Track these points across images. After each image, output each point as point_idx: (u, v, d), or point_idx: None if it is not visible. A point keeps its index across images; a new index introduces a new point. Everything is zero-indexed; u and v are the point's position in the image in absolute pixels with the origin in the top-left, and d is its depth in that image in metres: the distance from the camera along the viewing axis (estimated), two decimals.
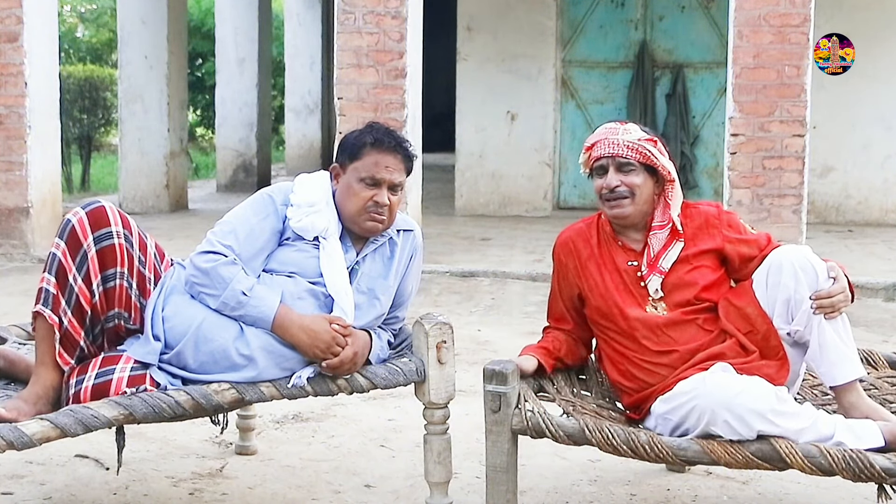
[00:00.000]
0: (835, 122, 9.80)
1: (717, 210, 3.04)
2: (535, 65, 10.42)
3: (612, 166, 2.96)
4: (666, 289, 2.95)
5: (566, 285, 3.10)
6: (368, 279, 2.98)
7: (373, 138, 2.96)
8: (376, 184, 2.93)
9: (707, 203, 3.10)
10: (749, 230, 3.01)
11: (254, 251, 2.87)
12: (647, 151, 2.94)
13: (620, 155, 2.94)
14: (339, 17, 7.21)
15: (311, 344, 2.79)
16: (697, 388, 2.72)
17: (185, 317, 2.80)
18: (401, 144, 2.99)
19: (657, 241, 2.97)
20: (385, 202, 2.93)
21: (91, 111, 14.26)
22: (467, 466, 3.45)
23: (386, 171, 2.94)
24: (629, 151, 2.94)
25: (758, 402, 2.58)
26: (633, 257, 3.00)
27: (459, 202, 10.59)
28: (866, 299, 6.66)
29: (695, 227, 3.00)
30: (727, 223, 3.00)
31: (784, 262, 2.84)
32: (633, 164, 2.94)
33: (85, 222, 2.74)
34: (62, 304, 2.72)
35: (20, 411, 2.62)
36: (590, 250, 3.05)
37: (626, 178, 2.94)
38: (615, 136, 2.96)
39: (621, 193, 2.94)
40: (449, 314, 3.16)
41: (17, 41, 7.47)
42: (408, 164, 3.01)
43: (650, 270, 2.96)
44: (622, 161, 2.94)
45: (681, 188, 3.03)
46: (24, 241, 7.58)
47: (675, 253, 2.96)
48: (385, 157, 2.95)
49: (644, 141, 2.95)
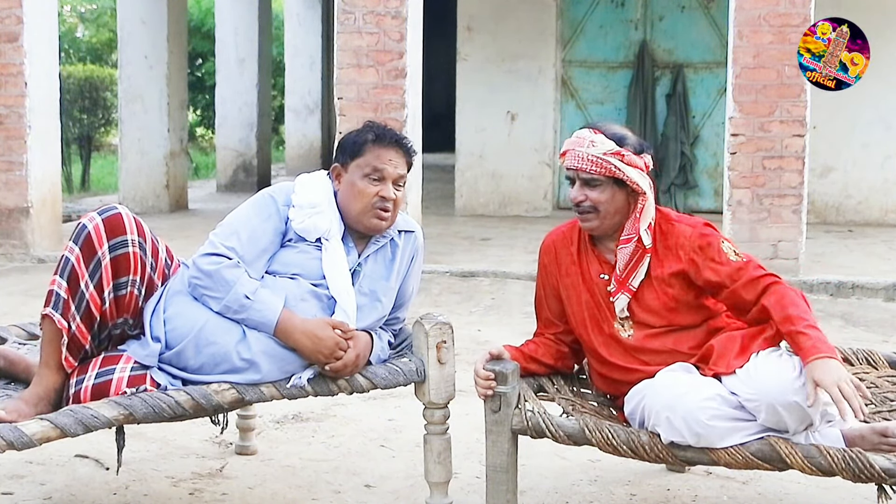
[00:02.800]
0: (835, 122, 9.79)
1: (692, 231, 2.88)
2: (535, 65, 10.42)
3: (578, 180, 2.91)
4: (632, 310, 2.90)
5: (550, 290, 3.07)
6: (370, 281, 2.98)
7: (374, 134, 2.97)
8: (381, 178, 2.93)
9: (692, 220, 2.93)
10: (730, 255, 2.82)
11: (256, 253, 2.86)
12: (612, 166, 2.85)
13: (584, 170, 2.87)
14: (339, 17, 7.20)
15: (314, 349, 2.79)
16: (647, 388, 2.75)
17: (187, 319, 2.79)
18: (401, 139, 3.01)
19: (623, 255, 2.89)
20: (391, 196, 2.94)
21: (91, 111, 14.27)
22: (467, 466, 3.45)
23: (390, 163, 2.95)
24: (593, 167, 2.86)
25: (700, 406, 2.59)
26: (605, 269, 2.95)
27: (459, 202, 10.59)
28: (866, 299, 6.67)
29: (666, 245, 2.89)
30: (699, 245, 2.84)
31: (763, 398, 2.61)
32: (598, 178, 2.87)
33: (101, 229, 2.72)
34: (72, 309, 2.71)
35: (20, 413, 2.62)
36: (570, 257, 3.02)
37: (591, 192, 2.88)
38: (581, 148, 2.88)
39: (585, 208, 2.90)
40: (449, 314, 3.16)
41: (17, 41, 7.46)
42: (408, 159, 3.02)
43: (619, 288, 2.91)
44: (585, 177, 2.88)
45: (655, 203, 2.91)
46: (24, 241, 7.58)
47: (643, 270, 2.88)
48: (387, 151, 2.96)
49: (609, 155, 2.85)
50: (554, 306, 3.08)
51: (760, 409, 2.60)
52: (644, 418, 2.73)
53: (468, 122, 10.53)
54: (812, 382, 2.51)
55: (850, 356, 3.33)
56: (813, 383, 2.51)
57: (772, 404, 2.57)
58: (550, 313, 3.09)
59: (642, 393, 2.76)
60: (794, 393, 2.56)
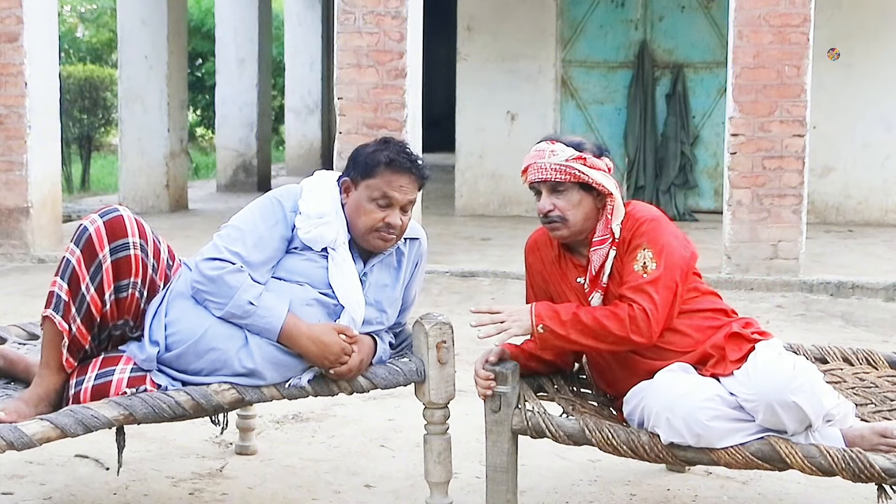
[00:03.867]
0: (835, 122, 9.79)
1: (633, 222, 2.86)
2: (535, 65, 10.42)
3: (544, 190, 2.91)
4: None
5: (540, 288, 3.07)
6: (376, 290, 2.96)
7: (387, 158, 2.89)
8: (389, 204, 2.88)
9: (641, 213, 2.90)
10: (638, 263, 2.80)
11: (262, 259, 2.83)
12: (576, 171, 2.87)
13: (549, 179, 2.88)
14: (339, 17, 7.20)
15: (320, 355, 2.78)
16: (646, 389, 2.75)
17: (189, 323, 2.78)
18: (415, 164, 2.92)
19: (597, 256, 2.90)
20: (397, 223, 2.89)
21: (91, 111, 14.26)
22: (467, 466, 3.45)
23: (400, 190, 2.89)
24: (557, 174, 2.87)
25: (700, 406, 2.60)
26: (580, 273, 2.96)
27: (459, 202, 10.59)
28: (866, 299, 6.66)
29: (628, 237, 2.88)
30: (631, 236, 2.84)
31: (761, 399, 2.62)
32: (564, 184, 2.88)
33: (102, 232, 2.72)
34: (72, 311, 2.71)
35: (20, 413, 2.62)
36: (551, 258, 3.04)
37: (558, 200, 2.89)
38: (542, 159, 2.90)
39: (553, 218, 2.90)
40: (449, 314, 3.15)
41: (17, 41, 7.46)
42: (421, 182, 2.95)
43: (592, 287, 2.92)
44: (553, 184, 2.89)
45: (622, 200, 2.92)
46: (24, 241, 7.58)
47: (609, 265, 2.89)
48: (399, 178, 2.89)
49: (572, 161, 2.87)
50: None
51: (759, 409, 2.60)
52: (644, 419, 2.73)
53: (468, 122, 10.53)
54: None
55: (850, 356, 3.34)
56: None
57: (770, 404, 2.58)
58: None
59: (642, 393, 2.77)
60: (792, 393, 2.56)
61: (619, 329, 2.74)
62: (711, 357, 2.79)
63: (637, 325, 2.74)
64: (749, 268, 6.98)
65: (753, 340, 2.79)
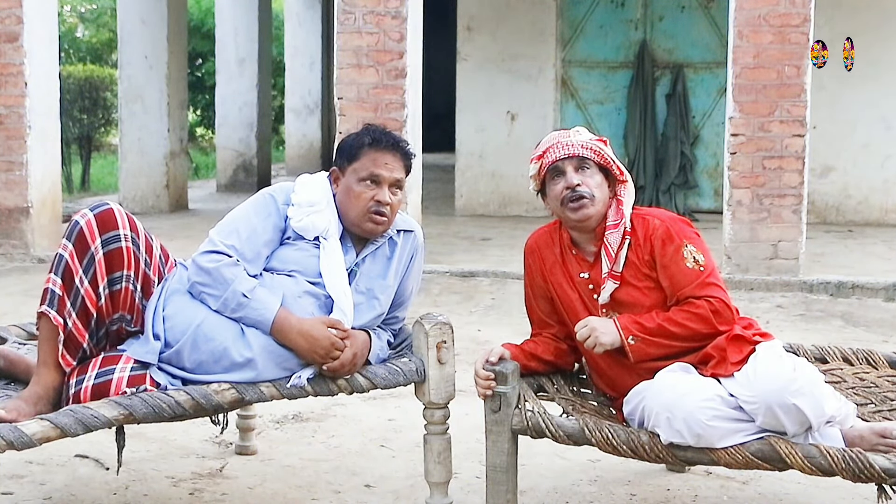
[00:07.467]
0: (835, 122, 9.79)
1: (660, 223, 2.90)
2: (535, 65, 10.42)
3: (569, 167, 2.94)
4: (617, 302, 2.91)
5: (539, 290, 3.08)
6: (367, 279, 2.98)
7: (370, 138, 2.97)
8: (377, 182, 2.94)
9: (665, 215, 2.97)
10: (687, 261, 2.84)
11: (256, 251, 2.88)
12: (602, 150, 2.95)
13: (578, 154, 2.93)
14: (339, 17, 7.20)
15: (309, 349, 2.79)
16: (646, 389, 2.75)
17: (185, 316, 2.80)
18: (398, 143, 3.01)
19: (614, 238, 2.92)
20: (387, 200, 2.94)
21: (91, 111, 14.24)
22: (467, 466, 3.45)
23: (385, 167, 2.95)
24: (585, 150, 2.93)
25: (700, 406, 2.60)
26: (585, 268, 2.98)
27: (459, 202, 10.58)
28: (866, 299, 6.66)
29: (637, 236, 2.92)
30: (662, 239, 2.87)
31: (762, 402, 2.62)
32: (591, 163, 2.94)
33: (93, 224, 2.75)
34: (67, 305, 2.72)
35: (20, 412, 2.62)
36: (554, 257, 3.05)
37: (584, 177, 2.92)
38: (567, 138, 2.96)
39: (583, 193, 2.91)
40: (449, 314, 3.16)
41: (17, 41, 7.46)
42: (406, 163, 3.02)
43: (603, 279, 2.92)
44: (581, 159, 2.93)
45: (633, 188, 3.00)
46: (24, 241, 7.57)
47: (624, 255, 2.90)
48: (384, 156, 2.96)
49: (596, 141, 2.96)
50: (544, 306, 3.09)
51: (759, 411, 2.60)
52: (644, 419, 2.73)
53: (468, 122, 10.53)
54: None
55: (850, 356, 3.34)
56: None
57: (770, 407, 2.58)
58: (542, 313, 3.10)
59: (642, 394, 2.77)
60: (793, 396, 2.56)
61: (707, 327, 2.81)
62: (712, 358, 2.80)
63: (722, 317, 2.82)
64: (749, 268, 6.98)
65: (754, 342, 2.79)
